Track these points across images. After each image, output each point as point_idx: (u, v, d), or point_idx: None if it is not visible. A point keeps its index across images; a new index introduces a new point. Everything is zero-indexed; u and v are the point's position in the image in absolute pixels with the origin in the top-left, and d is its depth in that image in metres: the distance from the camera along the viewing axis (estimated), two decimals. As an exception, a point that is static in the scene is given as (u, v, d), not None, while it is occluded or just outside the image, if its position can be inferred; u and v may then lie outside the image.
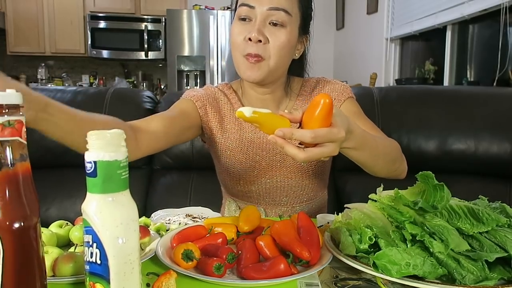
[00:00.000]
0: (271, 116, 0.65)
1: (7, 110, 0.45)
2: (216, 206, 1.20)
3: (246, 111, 0.63)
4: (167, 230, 0.86)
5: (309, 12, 1.02)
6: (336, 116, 0.65)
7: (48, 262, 0.63)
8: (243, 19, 0.96)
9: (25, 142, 0.47)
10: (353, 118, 0.99)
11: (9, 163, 0.46)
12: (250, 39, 0.93)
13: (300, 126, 0.67)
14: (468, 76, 3.11)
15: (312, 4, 1.03)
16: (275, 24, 0.94)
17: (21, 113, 0.47)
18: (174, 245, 0.72)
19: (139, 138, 0.88)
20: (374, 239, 0.65)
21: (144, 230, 0.76)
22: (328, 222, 0.85)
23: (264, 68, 0.95)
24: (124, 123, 0.86)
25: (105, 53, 4.72)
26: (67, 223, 0.81)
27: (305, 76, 1.12)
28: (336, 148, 0.66)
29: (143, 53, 4.73)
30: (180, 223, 0.93)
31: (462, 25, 3.09)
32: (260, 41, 0.93)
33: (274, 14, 0.93)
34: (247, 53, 0.94)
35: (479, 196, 0.73)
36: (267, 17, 0.94)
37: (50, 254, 0.64)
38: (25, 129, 0.47)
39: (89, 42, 4.65)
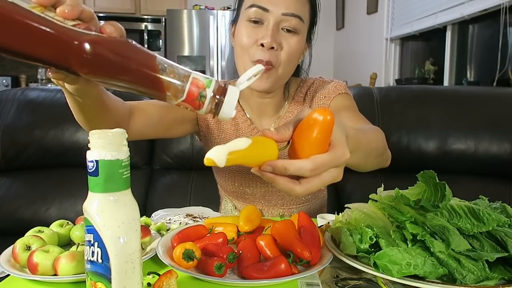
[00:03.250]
0: (253, 148, 0.50)
1: None
2: (216, 206, 1.20)
3: (218, 159, 0.47)
4: (167, 230, 0.87)
5: (316, 19, 1.00)
6: (335, 129, 0.52)
7: (49, 261, 0.63)
8: (255, 22, 0.91)
9: None
10: (343, 111, 0.96)
11: None
12: (262, 45, 0.89)
13: (290, 144, 0.54)
14: (468, 76, 3.12)
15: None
16: (288, 31, 0.91)
17: None
18: (175, 244, 0.71)
19: (131, 123, 0.87)
20: (374, 239, 0.65)
21: (145, 229, 0.76)
22: (328, 222, 0.85)
23: (272, 77, 0.92)
24: (125, 103, 0.85)
25: (105, 53, 4.72)
26: (68, 222, 0.81)
27: (303, 76, 1.10)
28: (340, 172, 0.55)
29: (143, 53, 4.73)
30: (180, 223, 0.93)
31: (462, 25, 3.09)
32: (272, 47, 0.89)
33: (288, 20, 0.90)
34: (258, 59, 0.90)
35: (479, 196, 0.73)
36: (281, 22, 0.90)
37: (51, 253, 0.64)
38: None
39: (89, 42, 4.65)
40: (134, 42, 0.47)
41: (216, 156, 0.48)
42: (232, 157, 0.48)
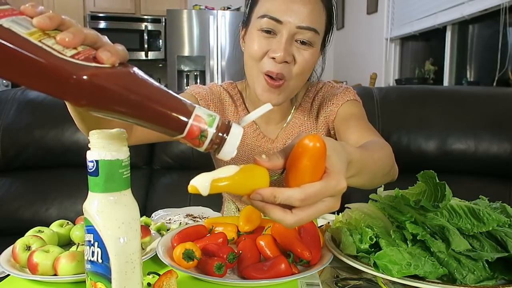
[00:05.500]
0: (240, 176, 0.47)
1: None
2: (216, 206, 1.20)
3: (201, 186, 0.46)
4: (167, 230, 0.87)
5: (332, 26, 0.95)
6: (331, 156, 0.48)
7: (49, 261, 0.63)
8: (267, 32, 0.87)
9: None
10: (351, 120, 0.95)
11: None
12: (273, 57, 0.85)
13: (285, 171, 0.51)
14: (468, 76, 3.12)
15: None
16: (302, 43, 0.87)
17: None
18: (175, 244, 0.72)
19: (134, 130, 0.86)
20: (374, 239, 0.65)
21: (145, 229, 0.76)
22: (328, 222, 0.85)
23: (285, 91, 0.89)
24: None
25: (105, 53, 4.72)
26: (68, 222, 0.81)
27: (313, 78, 1.06)
28: (336, 202, 0.51)
29: (143, 53, 4.73)
30: (180, 223, 0.93)
31: (462, 25, 3.09)
32: (285, 61, 0.86)
33: (303, 32, 0.86)
34: (268, 71, 0.86)
35: (479, 196, 0.74)
36: (295, 35, 0.86)
37: (51, 253, 0.64)
38: None
39: (89, 42, 4.65)
40: (137, 72, 0.44)
41: (199, 183, 0.46)
42: (216, 185, 0.46)
